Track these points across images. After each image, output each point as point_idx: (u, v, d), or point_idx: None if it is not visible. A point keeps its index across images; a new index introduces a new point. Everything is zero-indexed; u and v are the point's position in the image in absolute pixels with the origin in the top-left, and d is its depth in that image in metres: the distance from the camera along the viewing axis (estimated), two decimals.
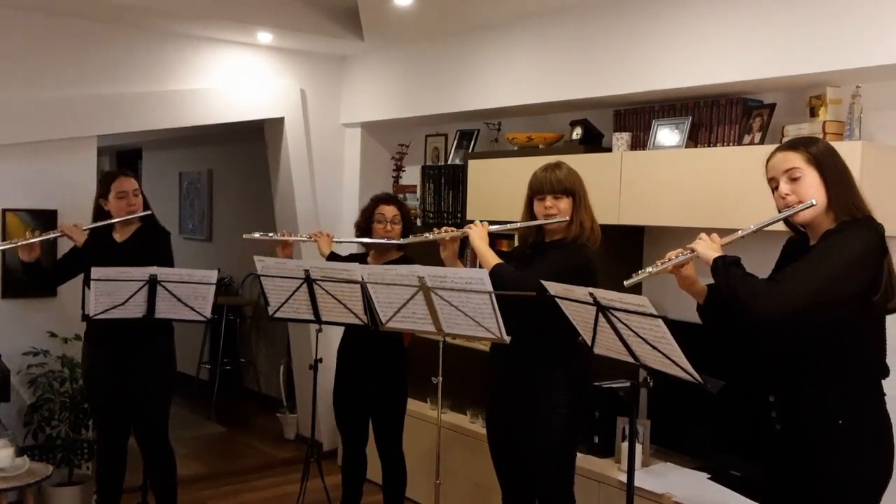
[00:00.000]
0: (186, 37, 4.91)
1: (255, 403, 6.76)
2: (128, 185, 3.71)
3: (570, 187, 3.03)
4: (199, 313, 3.45)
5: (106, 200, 3.70)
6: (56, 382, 4.26)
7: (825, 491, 2.23)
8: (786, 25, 3.25)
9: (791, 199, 2.27)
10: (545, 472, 3.06)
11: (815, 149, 2.27)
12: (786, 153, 2.29)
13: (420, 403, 4.69)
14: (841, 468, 2.21)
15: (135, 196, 3.71)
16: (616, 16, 3.88)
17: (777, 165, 2.30)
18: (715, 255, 2.30)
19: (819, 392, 2.24)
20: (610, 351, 2.60)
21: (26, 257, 3.62)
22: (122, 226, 3.74)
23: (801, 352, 2.26)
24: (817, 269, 2.14)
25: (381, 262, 3.77)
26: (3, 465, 3.51)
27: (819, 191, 2.23)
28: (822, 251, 2.19)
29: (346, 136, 5.65)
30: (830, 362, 2.23)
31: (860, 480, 2.21)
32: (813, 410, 2.24)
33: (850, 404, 2.22)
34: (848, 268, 2.13)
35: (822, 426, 2.22)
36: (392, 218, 3.76)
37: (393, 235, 3.75)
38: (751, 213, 2.52)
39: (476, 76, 4.62)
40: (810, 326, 2.21)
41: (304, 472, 3.88)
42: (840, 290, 2.14)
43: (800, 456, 2.28)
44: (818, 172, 2.24)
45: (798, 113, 3.46)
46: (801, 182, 2.25)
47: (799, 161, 2.26)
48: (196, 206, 7.81)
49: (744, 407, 3.18)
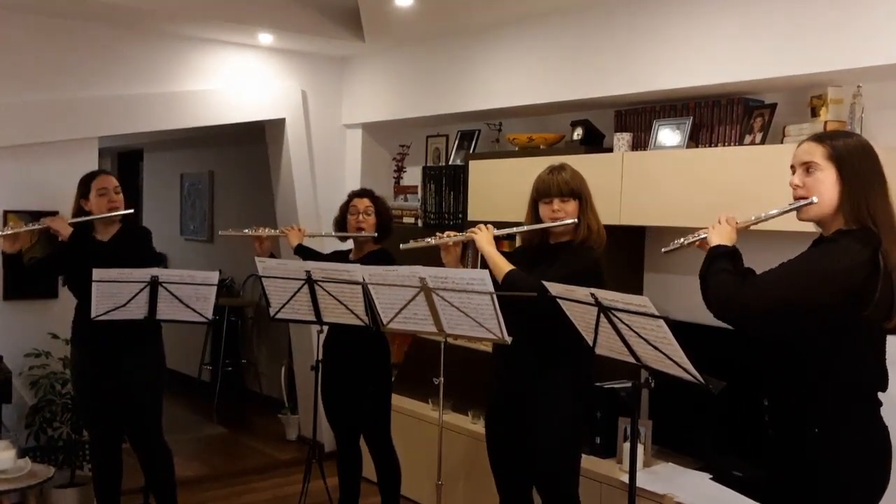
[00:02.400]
0: (187, 38, 4.91)
1: (256, 404, 6.75)
2: (108, 182, 3.70)
3: (577, 189, 3.02)
4: (201, 315, 3.45)
5: (86, 200, 3.69)
6: (58, 384, 4.27)
7: (819, 497, 2.17)
8: (787, 25, 3.24)
9: (800, 192, 2.19)
10: (549, 474, 3.05)
11: (842, 145, 2.14)
12: (812, 144, 2.19)
13: (421, 404, 4.69)
14: (828, 477, 2.14)
15: (116, 193, 3.70)
16: (617, 16, 3.88)
17: (799, 155, 2.21)
18: (717, 242, 2.27)
19: (801, 400, 2.17)
20: (611, 351, 2.59)
21: (8, 248, 3.61)
22: (103, 226, 3.72)
23: (790, 358, 2.20)
24: (792, 276, 2.08)
25: (360, 255, 3.84)
26: (4, 467, 3.51)
27: (832, 190, 2.13)
28: (805, 258, 2.14)
29: (347, 136, 5.65)
30: (813, 372, 2.15)
31: (848, 489, 2.13)
32: (797, 418, 2.18)
33: (828, 415, 2.13)
34: (825, 279, 2.04)
35: (802, 433, 2.16)
36: (364, 209, 3.83)
37: (365, 226, 3.82)
38: (752, 213, 2.51)
39: (477, 77, 4.63)
40: (794, 333, 2.15)
41: (305, 473, 3.89)
42: (813, 301, 2.05)
43: (791, 460, 2.23)
44: (837, 171, 2.13)
45: (799, 113, 3.45)
46: (815, 177, 2.15)
47: (819, 156, 2.15)
48: (197, 207, 7.82)
49: (746, 403, 3.18)
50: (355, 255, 3.91)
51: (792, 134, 3.32)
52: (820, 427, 2.13)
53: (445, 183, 4.97)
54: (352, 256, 3.91)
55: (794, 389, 2.19)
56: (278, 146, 5.44)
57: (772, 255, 2.34)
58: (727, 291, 2.13)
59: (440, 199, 5.01)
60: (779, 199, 2.54)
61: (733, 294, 2.12)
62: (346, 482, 4.01)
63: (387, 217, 3.93)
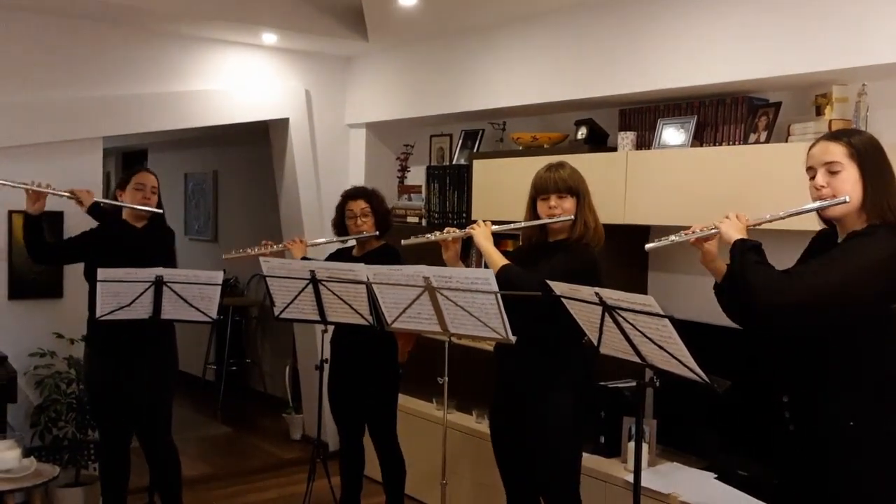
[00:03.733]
0: (191, 38, 4.92)
1: (260, 404, 6.77)
2: (147, 179, 3.74)
3: (574, 187, 3.02)
4: (205, 314, 3.45)
5: (122, 191, 3.74)
6: (63, 383, 4.27)
7: (837, 494, 2.20)
8: (791, 24, 3.24)
9: (826, 192, 2.20)
10: (550, 473, 3.05)
11: (859, 143, 2.19)
12: (828, 144, 2.21)
13: (426, 404, 4.69)
14: (852, 471, 2.18)
15: (151, 192, 3.74)
16: (621, 15, 3.87)
17: (818, 156, 2.23)
18: (737, 236, 2.28)
19: (832, 394, 2.21)
20: (616, 351, 2.59)
21: (30, 208, 3.63)
22: (133, 219, 3.75)
23: (817, 353, 2.22)
24: (833, 269, 2.11)
25: (364, 252, 3.87)
26: (10, 466, 3.52)
27: (856, 188, 2.17)
28: (843, 252, 2.16)
29: (350, 136, 5.65)
30: (846, 365, 2.19)
31: (872, 484, 2.18)
32: (826, 412, 2.21)
33: (864, 407, 2.18)
34: (865, 273, 2.09)
35: (834, 428, 2.19)
36: (361, 212, 3.85)
37: (365, 228, 3.83)
38: (757, 212, 2.50)
39: (480, 76, 4.62)
40: (826, 327, 2.18)
41: (310, 473, 3.89)
42: (852, 295, 2.10)
43: (812, 457, 2.25)
44: (858, 168, 2.17)
45: (804, 112, 3.45)
46: (839, 176, 2.18)
47: (840, 155, 2.18)
48: (201, 206, 7.83)
49: (756, 407, 3.17)
50: (358, 251, 3.93)
51: (796, 133, 3.31)
52: (855, 420, 2.16)
53: (449, 182, 4.97)
54: (355, 253, 3.93)
55: (823, 384, 2.22)
56: (282, 146, 5.44)
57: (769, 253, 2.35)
58: (776, 283, 2.13)
59: (444, 199, 5.00)
60: (783, 197, 2.55)
61: (776, 284, 2.13)
62: (348, 480, 4.02)
63: (384, 213, 3.94)
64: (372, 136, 5.60)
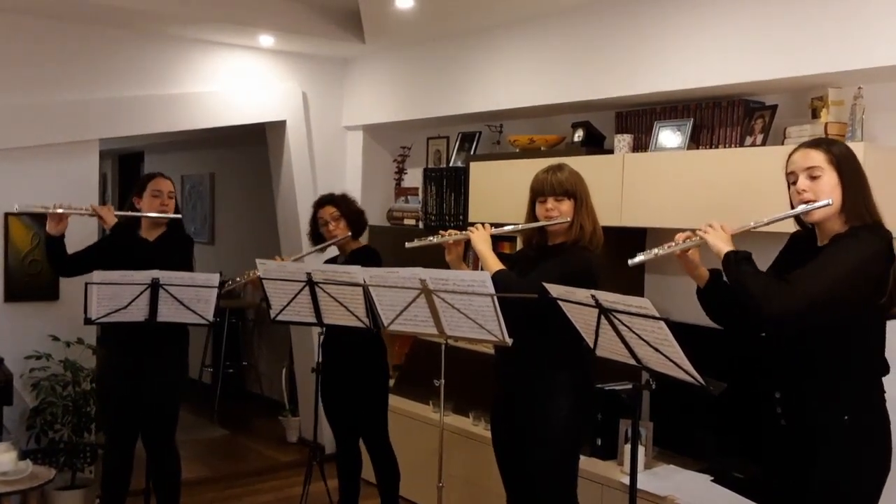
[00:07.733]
0: (188, 40, 4.92)
1: (257, 406, 6.76)
2: (163, 185, 3.74)
3: (572, 189, 3.02)
4: (202, 317, 3.45)
5: (139, 199, 3.73)
6: (59, 386, 4.27)
7: (826, 486, 2.27)
8: (788, 27, 3.24)
9: (808, 196, 2.30)
10: (546, 476, 3.04)
11: (837, 150, 2.32)
12: (809, 151, 2.33)
13: (422, 406, 4.68)
14: (843, 464, 2.25)
15: (169, 198, 3.73)
16: (618, 18, 3.88)
17: (799, 161, 2.34)
18: (727, 248, 2.33)
19: (825, 389, 2.28)
20: (612, 353, 2.59)
21: (53, 230, 3.61)
22: (150, 226, 3.75)
23: (809, 349, 2.29)
24: (828, 271, 2.18)
25: (346, 255, 3.93)
26: (5, 469, 3.51)
27: (835, 192, 2.27)
28: (834, 254, 2.23)
29: (347, 138, 5.65)
30: (837, 360, 2.27)
31: (861, 476, 2.26)
32: (819, 407, 2.28)
33: (855, 401, 2.27)
34: (857, 272, 2.17)
35: (827, 422, 2.26)
36: (331, 217, 3.92)
37: (338, 232, 3.89)
38: (753, 215, 2.51)
39: (477, 78, 4.63)
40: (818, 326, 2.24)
41: (306, 476, 3.88)
42: (849, 293, 2.18)
43: (802, 452, 2.31)
44: (837, 174, 2.28)
45: (800, 114, 3.45)
46: (820, 181, 2.29)
47: (821, 160, 2.29)
48: (198, 209, 7.82)
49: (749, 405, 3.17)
50: (341, 256, 3.99)
51: (793, 135, 3.32)
52: (849, 414, 2.24)
53: (446, 185, 4.97)
54: (340, 260, 3.98)
55: (815, 380, 2.29)
56: (279, 148, 5.44)
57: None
58: (772, 291, 2.19)
59: (441, 201, 5.00)
60: (779, 199, 2.55)
61: (778, 294, 2.18)
62: (345, 483, 4.03)
63: (356, 214, 3.99)
64: (369, 138, 5.60)
